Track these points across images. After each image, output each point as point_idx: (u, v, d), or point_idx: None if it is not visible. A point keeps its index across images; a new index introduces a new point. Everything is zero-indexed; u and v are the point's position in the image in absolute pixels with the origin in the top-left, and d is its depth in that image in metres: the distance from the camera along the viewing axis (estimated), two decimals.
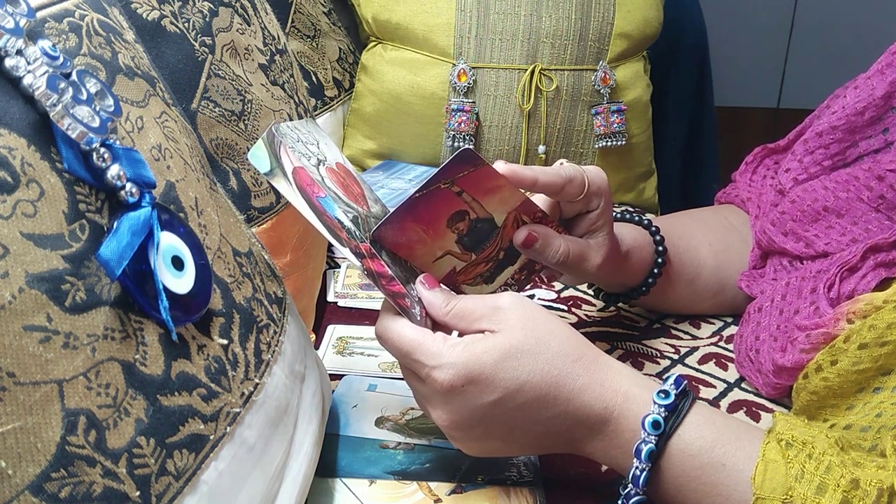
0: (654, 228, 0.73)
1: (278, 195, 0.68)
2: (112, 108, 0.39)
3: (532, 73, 1.11)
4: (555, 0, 1.11)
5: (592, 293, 0.85)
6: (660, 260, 0.73)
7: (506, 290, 0.65)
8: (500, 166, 0.57)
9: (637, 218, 0.74)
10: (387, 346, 0.53)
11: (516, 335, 0.51)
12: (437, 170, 0.53)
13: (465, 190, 0.54)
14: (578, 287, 0.90)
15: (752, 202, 0.81)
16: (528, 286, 0.68)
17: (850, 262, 0.63)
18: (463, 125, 1.12)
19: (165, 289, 0.38)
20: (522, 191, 0.59)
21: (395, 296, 0.52)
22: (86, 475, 0.33)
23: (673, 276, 0.75)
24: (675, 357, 0.76)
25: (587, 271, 0.65)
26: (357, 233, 0.52)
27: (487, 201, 0.56)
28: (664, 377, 0.59)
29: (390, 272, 0.53)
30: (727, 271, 0.79)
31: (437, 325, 0.55)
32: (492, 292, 0.64)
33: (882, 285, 0.61)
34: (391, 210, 0.54)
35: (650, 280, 0.73)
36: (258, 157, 0.50)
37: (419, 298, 0.55)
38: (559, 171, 0.60)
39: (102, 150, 0.37)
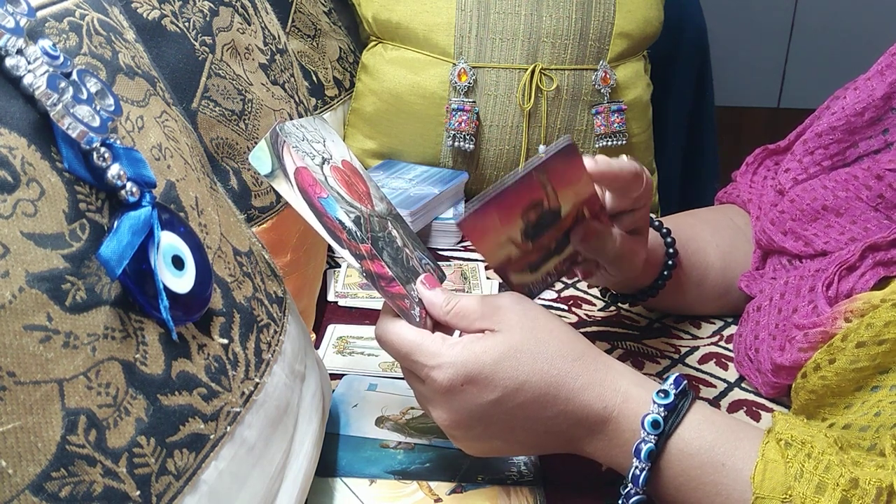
0: (665, 230, 0.73)
1: (279, 195, 0.68)
2: (112, 108, 0.39)
3: (532, 72, 1.11)
4: (555, 0, 1.12)
5: (598, 294, 0.85)
6: (670, 262, 0.73)
7: (546, 279, 0.65)
8: (590, 164, 0.57)
9: None
10: (386, 347, 0.53)
11: (515, 335, 0.51)
12: (541, 160, 0.52)
13: (551, 180, 0.54)
14: (579, 287, 0.90)
15: (753, 203, 0.81)
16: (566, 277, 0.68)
17: (849, 260, 0.63)
18: (463, 125, 1.12)
19: (166, 288, 0.38)
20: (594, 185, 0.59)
21: (394, 297, 0.52)
22: (86, 475, 0.33)
23: (682, 278, 0.75)
24: (676, 357, 0.76)
25: (635, 267, 0.65)
26: (358, 234, 0.52)
27: (563, 193, 0.56)
28: (664, 377, 0.59)
29: (391, 273, 0.53)
30: (734, 273, 0.79)
31: (437, 326, 0.55)
32: (534, 280, 0.64)
33: (880, 284, 0.61)
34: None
35: (660, 282, 0.73)
36: (259, 158, 0.50)
37: (419, 299, 0.55)
38: (633, 167, 0.60)
39: (103, 149, 0.37)
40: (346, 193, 0.54)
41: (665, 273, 0.73)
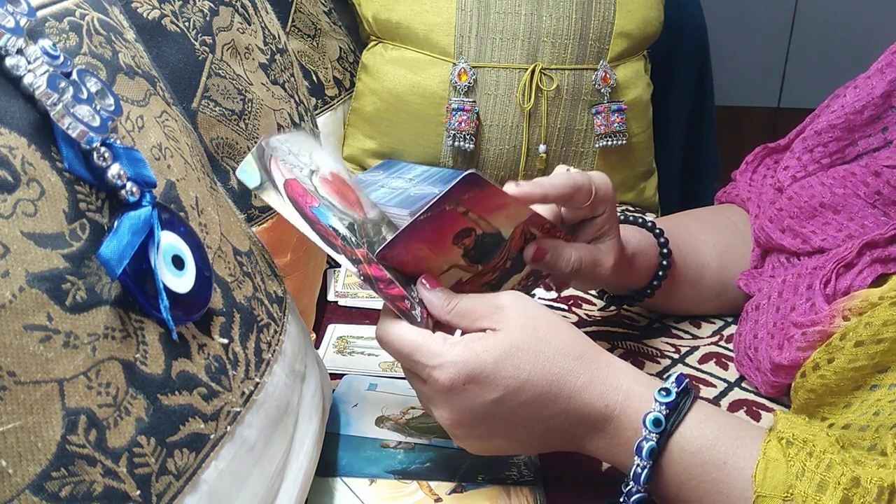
0: (658, 231, 0.73)
1: None
2: (112, 108, 0.39)
3: (532, 72, 1.11)
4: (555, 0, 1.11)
5: (594, 293, 0.85)
6: (664, 262, 0.73)
7: None
8: (511, 188, 0.57)
9: (640, 220, 0.74)
10: (387, 348, 0.53)
11: (517, 333, 0.51)
12: (441, 193, 0.52)
13: (471, 210, 0.54)
14: None
15: (753, 202, 0.81)
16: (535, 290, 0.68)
17: (846, 258, 0.63)
18: (463, 124, 1.12)
19: (166, 288, 0.38)
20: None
21: (393, 299, 0.52)
22: (86, 474, 0.33)
23: (677, 278, 0.75)
24: (676, 356, 0.76)
25: (601, 276, 0.65)
26: (353, 239, 0.52)
27: (494, 218, 0.56)
28: (665, 376, 0.59)
29: (389, 275, 0.53)
30: (730, 272, 0.78)
31: (438, 325, 0.55)
32: None
33: (878, 281, 0.61)
34: (393, 233, 0.54)
35: (655, 283, 0.73)
36: (247, 172, 0.50)
37: (420, 299, 0.55)
38: (567, 182, 0.59)
39: (103, 149, 0.37)
40: (337, 202, 0.54)
41: (660, 274, 0.73)
